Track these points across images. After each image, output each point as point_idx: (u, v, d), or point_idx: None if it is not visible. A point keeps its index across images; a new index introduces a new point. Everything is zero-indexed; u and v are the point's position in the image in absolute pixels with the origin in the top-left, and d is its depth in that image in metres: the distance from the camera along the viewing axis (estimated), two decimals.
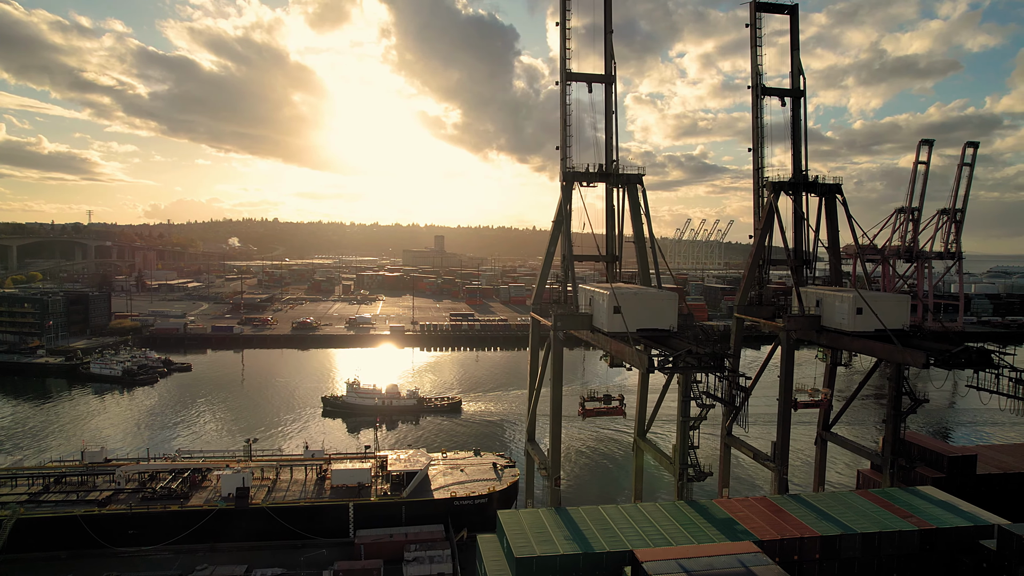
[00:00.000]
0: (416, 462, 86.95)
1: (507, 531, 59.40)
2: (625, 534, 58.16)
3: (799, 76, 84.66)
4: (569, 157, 79.17)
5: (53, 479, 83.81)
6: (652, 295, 65.02)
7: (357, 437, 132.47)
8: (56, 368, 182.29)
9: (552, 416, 68.68)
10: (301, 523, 78.74)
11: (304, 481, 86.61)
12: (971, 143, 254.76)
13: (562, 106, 79.93)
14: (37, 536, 74.51)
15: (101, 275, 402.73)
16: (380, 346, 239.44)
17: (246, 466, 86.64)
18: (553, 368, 68.17)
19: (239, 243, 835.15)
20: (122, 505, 78.17)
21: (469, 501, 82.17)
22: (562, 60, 79.88)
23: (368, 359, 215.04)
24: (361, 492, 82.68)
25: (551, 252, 77.32)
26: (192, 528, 77.09)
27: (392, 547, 74.61)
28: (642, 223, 77.62)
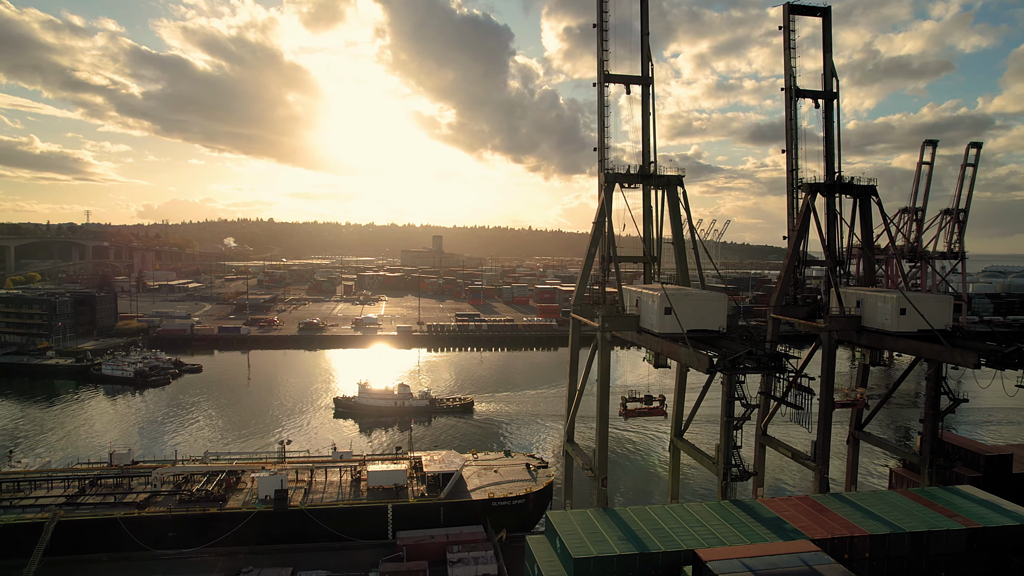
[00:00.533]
0: (451, 463, 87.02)
1: (560, 531, 59.51)
2: (677, 534, 58.38)
3: (832, 78, 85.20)
4: (607, 159, 79.53)
5: (88, 481, 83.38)
6: (702, 296, 65.34)
7: (372, 438, 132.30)
8: (67, 369, 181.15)
9: (599, 417, 68.90)
10: (339, 525, 78.67)
11: (339, 483, 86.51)
12: (974, 144, 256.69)
13: (599, 108, 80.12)
14: (77, 539, 74.17)
15: (101, 276, 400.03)
16: (387, 347, 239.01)
17: (282, 468, 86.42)
18: (600, 369, 68.41)
19: (235, 243, 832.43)
20: (161, 507, 77.93)
21: (507, 502, 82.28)
22: (599, 62, 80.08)
23: (376, 360, 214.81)
24: (398, 493, 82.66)
25: (592, 253, 77.59)
26: (231, 530, 76.89)
27: (434, 548, 74.60)
28: (682, 224, 77.88)
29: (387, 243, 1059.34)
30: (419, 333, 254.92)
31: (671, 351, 62.48)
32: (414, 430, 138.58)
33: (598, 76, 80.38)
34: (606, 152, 79.27)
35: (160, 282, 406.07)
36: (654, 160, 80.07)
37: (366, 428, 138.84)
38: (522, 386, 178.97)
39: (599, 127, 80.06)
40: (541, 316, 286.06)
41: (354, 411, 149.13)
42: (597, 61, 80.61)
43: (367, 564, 74.42)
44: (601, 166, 79.69)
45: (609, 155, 78.77)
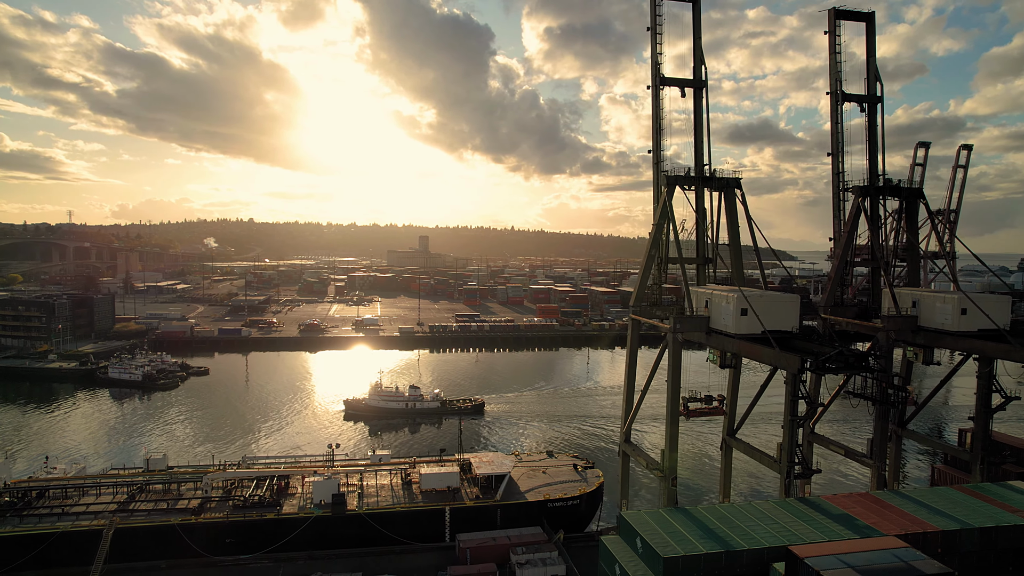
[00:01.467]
0: (501, 465, 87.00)
1: (640, 531, 59.96)
2: (755, 531, 59.13)
3: (875, 82, 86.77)
4: (663, 160, 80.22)
5: (138, 488, 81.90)
6: (776, 297, 66.20)
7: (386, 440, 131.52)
8: (71, 373, 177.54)
9: (670, 417, 69.43)
10: (397, 528, 78.23)
11: (389, 486, 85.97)
12: (965, 146, 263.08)
13: (654, 110, 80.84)
14: (134, 546, 72.77)
15: (86, 277, 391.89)
16: (390, 348, 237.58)
17: (335, 472, 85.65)
18: (672, 370, 68.92)
19: (216, 244, 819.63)
20: (217, 513, 76.81)
21: (562, 503, 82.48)
22: (654, 65, 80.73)
23: (380, 361, 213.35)
24: (451, 496, 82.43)
25: (653, 255, 78.16)
26: (290, 536, 76.10)
27: (498, 550, 74.56)
28: (738, 226, 78.77)
29: (369, 243, 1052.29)
30: (421, 334, 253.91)
31: (749, 351, 63.24)
32: (424, 431, 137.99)
33: (652, 79, 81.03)
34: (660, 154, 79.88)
35: (147, 283, 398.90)
36: (708, 163, 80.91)
37: (378, 430, 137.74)
38: (530, 387, 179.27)
39: (654, 131, 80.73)
40: (541, 317, 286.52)
41: (365, 413, 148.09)
42: (651, 64, 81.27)
43: (429, 567, 74.16)
44: (656, 169, 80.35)
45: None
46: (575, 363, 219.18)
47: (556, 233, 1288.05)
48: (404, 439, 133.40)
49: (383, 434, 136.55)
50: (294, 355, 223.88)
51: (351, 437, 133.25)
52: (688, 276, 76.30)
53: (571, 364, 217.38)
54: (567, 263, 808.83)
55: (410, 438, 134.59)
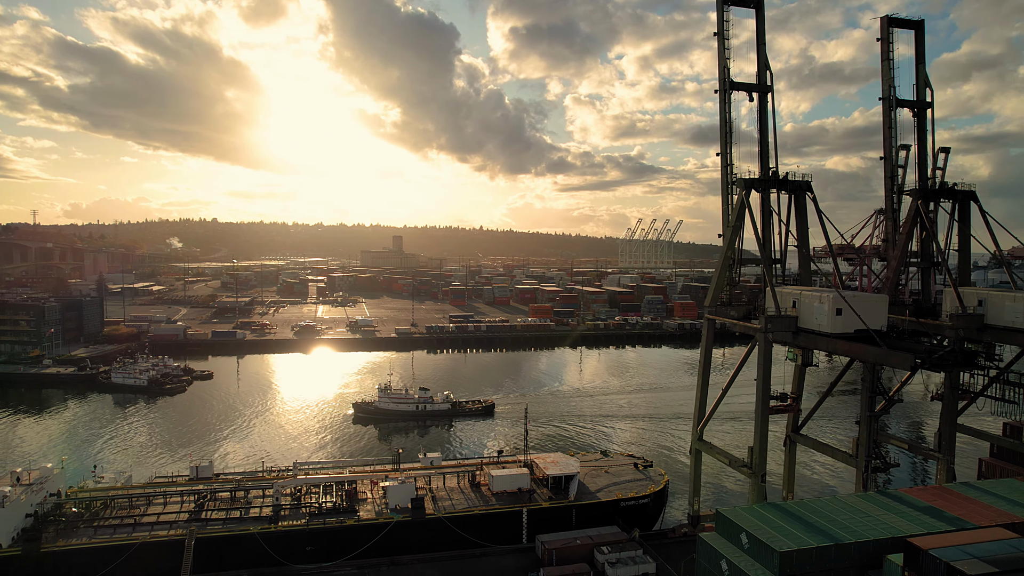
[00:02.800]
0: (568, 465, 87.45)
1: (745, 527, 61.10)
2: (854, 525, 60.78)
3: (925, 88, 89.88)
4: (730, 164, 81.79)
5: (205, 496, 79.87)
6: (867, 298, 68.16)
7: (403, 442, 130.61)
8: (69, 378, 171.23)
9: (760, 415, 70.86)
10: (475, 531, 78.08)
11: (458, 488, 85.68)
12: (943, 149, 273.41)
13: (721, 114, 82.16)
14: (214, 555, 71.13)
15: (56, 279, 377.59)
16: (387, 350, 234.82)
17: (407, 476, 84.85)
18: (762, 369, 70.31)
19: (181, 244, 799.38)
20: (296, 521, 75.50)
21: (634, 501, 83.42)
22: (721, 69, 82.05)
23: (378, 363, 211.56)
24: (523, 497, 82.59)
25: (729, 256, 79.45)
26: (371, 542, 75.28)
27: (581, 550, 75.03)
28: (807, 228, 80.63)
29: (337, 243, 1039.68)
30: (419, 335, 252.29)
31: (848, 350, 65.05)
32: (435, 433, 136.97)
33: (720, 83, 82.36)
34: (728, 158, 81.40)
35: (121, 285, 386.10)
36: (775, 166, 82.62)
37: (388, 433, 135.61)
38: (535, 386, 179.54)
39: (722, 134, 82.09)
40: (534, 316, 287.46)
41: (375, 416, 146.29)
42: (719, 68, 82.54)
43: (512, 570, 74.17)
44: (724, 172, 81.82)
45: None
46: (576, 362, 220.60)
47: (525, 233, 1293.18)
48: (426, 442, 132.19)
49: (398, 436, 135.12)
50: (291, 357, 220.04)
51: (367, 440, 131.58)
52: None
53: (573, 364, 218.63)
54: (540, 263, 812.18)
55: (430, 441, 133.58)
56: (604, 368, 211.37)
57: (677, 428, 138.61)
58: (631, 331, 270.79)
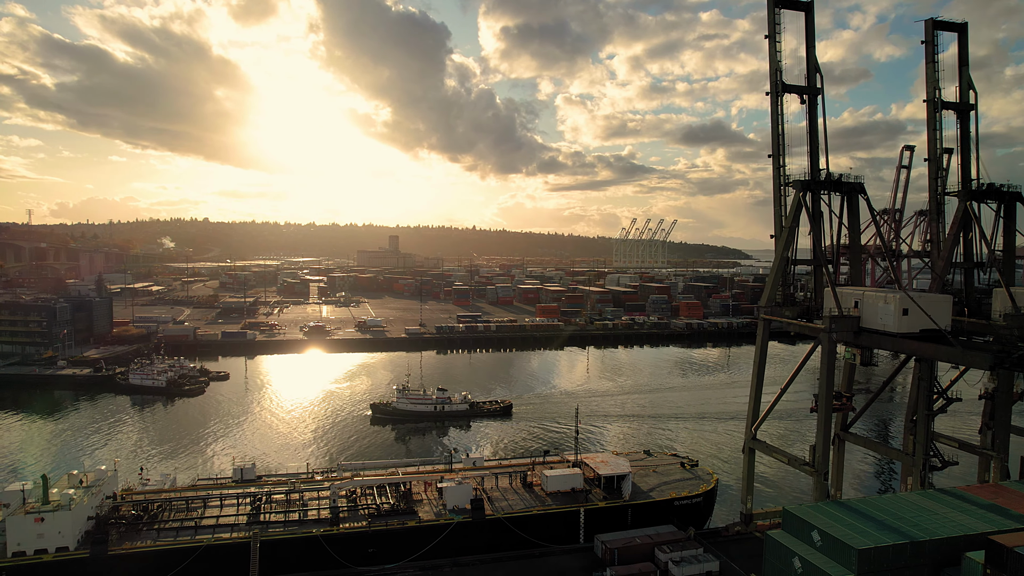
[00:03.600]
0: (618, 465, 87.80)
1: (817, 524, 61.71)
2: (924, 522, 61.55)
3: (968, 90, 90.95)
4: (783, 166, 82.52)
5: (260, 499, 79.48)
6: (932, 298, 68.94)
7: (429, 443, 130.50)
8: (85, 380, 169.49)
9: (824, 415, 71.48)
10: (534, 531, 78.31)
11: (511, 488, 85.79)
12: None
13: (773, 116, 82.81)
14: (278, 557, 70.89)
15: (55, 280, 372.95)
16: (397, 350, 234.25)
17: (463, 477, 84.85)
18: (825, 368, 70.96)
19: (173, 244, 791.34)
20: (356, 523, 75.36)
21: (687, 500, 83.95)
22: (773, 72, 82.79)
23: (389, 363, 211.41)
24: (578, 497, 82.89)
25: (785, 257, 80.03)
26: (432, 543, 75.29)
27: (642, 549, 75.40)
28: (859, 229, 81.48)
29: (330, 243, 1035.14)
30: (429, 335, 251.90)
31: (917, 349, 65.82)
32: (453, 434, 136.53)
33: (771, 86, 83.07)
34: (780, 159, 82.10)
35: (120, 286, 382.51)
36: (826, 167, 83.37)
37: (406, 434, 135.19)
38: (552, 387, 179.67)
39: (774, 136, 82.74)
40: (541, 316, 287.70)
41: (394, 417, 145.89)
42: (771, 71, 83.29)
43: (573, 570, 74.37)
44: (777, 174, 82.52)
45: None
46: (589, 362, 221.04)
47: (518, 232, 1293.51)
48: (452, 442, 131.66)
49: (424, 436, 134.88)
50: (302, 358, 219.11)
51: (388, 441, 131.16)
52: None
53: (586, 363, 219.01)
54: (535, 262, 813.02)
55: (438, 441, 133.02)
56: (618, 368, 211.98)
57: (703, 427, 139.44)
58: (639, 331, 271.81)
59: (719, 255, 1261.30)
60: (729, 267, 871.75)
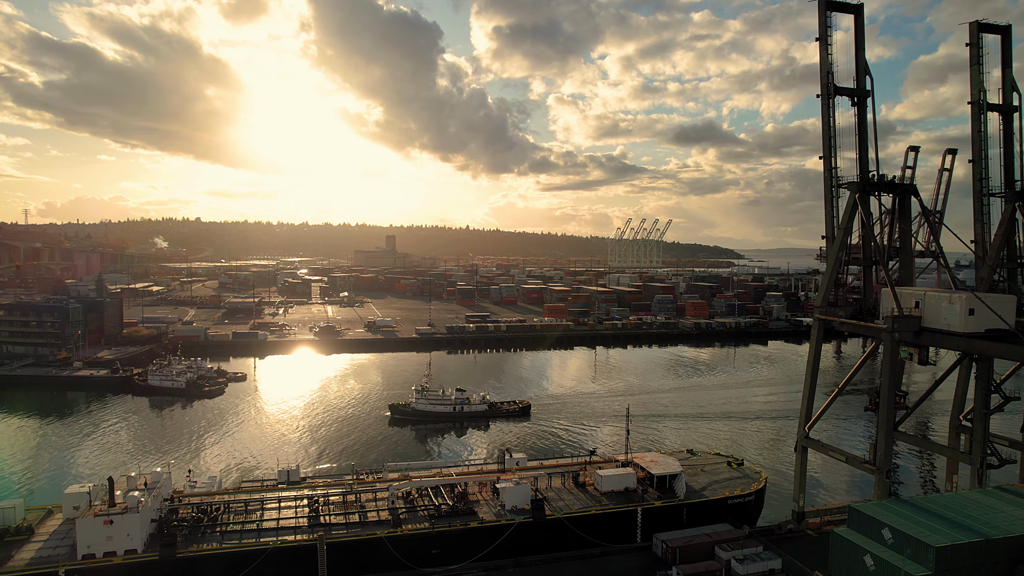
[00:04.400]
0: (669, 465, 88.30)
1: (888, 522, 62.40)
2: (993, 520, 62.47)
3: (1012, 92, 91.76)
4: (835, 167, 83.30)
5: (318, 501, 79.22)
6: (997, 298, 69.78)
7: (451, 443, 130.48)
8: (103, 381, 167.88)
9: (886, 414, 72.16)
10: (592, 531, 78.57)
11: (564, 488, 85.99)
12: (950, 150, 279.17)
13: (824, 118, 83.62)
14: (343, 559, 70.67)
15: (55, 280, 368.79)
16: (408, 350, 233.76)
17: (518, 477, 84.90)
18: (888, 368, 71.64)
19: (167, 244, 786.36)
20: (418, 524, 75.31)
21: (740, 499, 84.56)
22: (824, 74, 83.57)
23: (401, 363, 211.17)
24: (633, 496, 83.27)
25: (840, 259, 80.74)
26: (494, 544, 75.36)
27: (702, 548, 75.79)
28: (910, 231, 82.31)
29: (324, 243, 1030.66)
30: (440, 335, 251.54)
31: (987, 349, 66.66)
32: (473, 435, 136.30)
33: (822, 88, 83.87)
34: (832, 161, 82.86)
35: (119, 286, 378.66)
36: (876, 169, 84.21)
37: (425, 435, 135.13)
38: (566, 387, 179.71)
39: (825, 138, 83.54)
40: (549, 316, 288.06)
41: (413, 418, 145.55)
42: (821, 73, 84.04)
43: (642, 569, 74.67)
44: (829, 175, 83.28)
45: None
46: (603, 362, 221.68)
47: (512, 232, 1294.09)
48: (478, 443, 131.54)
49: (435, 437, 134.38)
50: (314, 358, 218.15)
51: (409, 441, 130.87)
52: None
53: (600, 363, 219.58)
54: (531, 262, 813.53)
55: (458, 442, 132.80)
56: (633, 367, 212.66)
57: (731, 426, 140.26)
58: (648, 331, 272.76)
59: (711, 255, 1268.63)
60: (724, 267, 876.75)
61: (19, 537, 69.82)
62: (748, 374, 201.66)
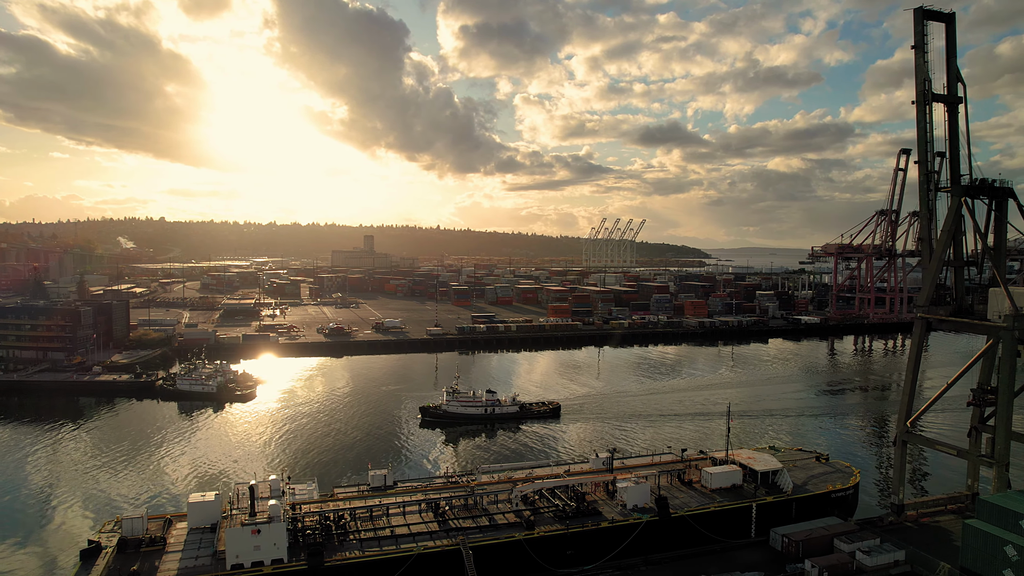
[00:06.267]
0: (768, 461, 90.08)
1: None
2: None
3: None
4: (933, 171, 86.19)
5: (439, 505, 78.42)
6: None
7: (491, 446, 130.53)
8: (127, 386, 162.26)
9: (1005, 407, 75.01)
10: (712, 528, 79.72)
11: (671, 486, 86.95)
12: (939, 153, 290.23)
13: (919, 124, 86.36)
14: (483, 562, 70.13)
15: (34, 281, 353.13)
16: (420, 351, 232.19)
17: (634, 476, 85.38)
18: (1006, 365, 74.48)
19: (133, 244, 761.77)
20: (552, 526, 75.28)
21: (843, 493, 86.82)
22: (920, 82, 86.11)
23: (416, 365, 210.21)
24: (742, 492, 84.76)
25: (941, 258, 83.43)
26: (625, 543, 75.86)
27: (822, 541, 77.54)
28: (1005, 233, 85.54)
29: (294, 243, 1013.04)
30: (452, 336, 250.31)
31: None
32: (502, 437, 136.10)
33: (918, 96, 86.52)
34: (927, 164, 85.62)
35: (100, 288, 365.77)
36: (969, 172, 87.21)
37: (456, 437, 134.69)
38: (588, 386, 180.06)
39: (921, 143, 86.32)
40: (554, 316, 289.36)
41: (444, 420, 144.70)
42: (917, 81, 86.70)
43: (770, 563, 75.82)
44: (926, 179, 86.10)
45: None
46: (615, 361, 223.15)
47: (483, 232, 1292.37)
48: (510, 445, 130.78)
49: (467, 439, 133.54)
50: (327, 361, 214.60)
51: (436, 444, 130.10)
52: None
53: (611, 362, 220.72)
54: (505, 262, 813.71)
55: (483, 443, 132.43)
56: (649, 366, 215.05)
57: (779, 422, 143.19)
58: (653, 330, 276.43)
59: (679, 254, 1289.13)
60: (696, 266, 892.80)
61: (154, 548, 67.55)
62: (766, 371, 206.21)
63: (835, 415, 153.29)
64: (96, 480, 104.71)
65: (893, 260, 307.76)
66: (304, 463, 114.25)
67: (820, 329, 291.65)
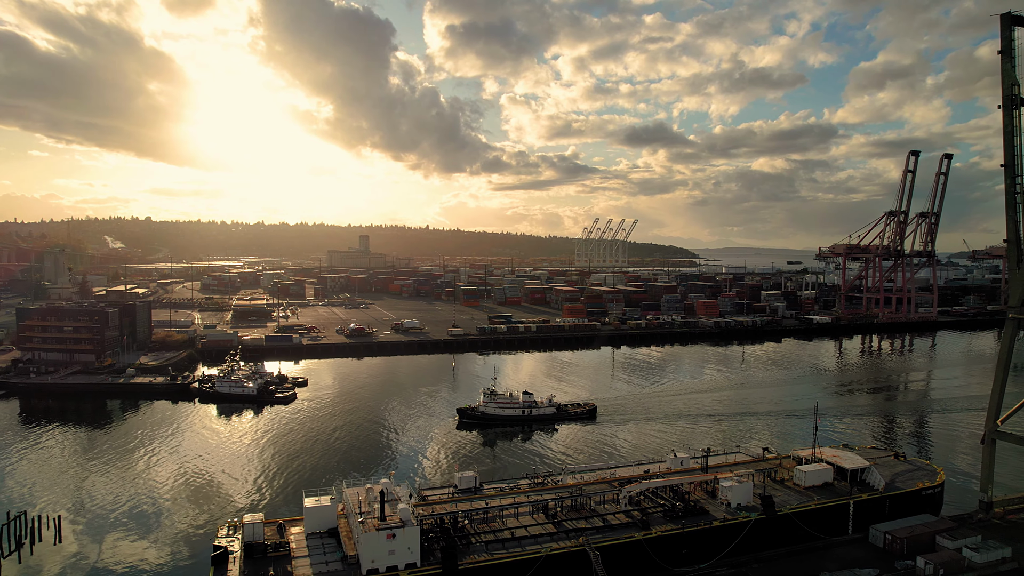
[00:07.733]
0: (854, 459, 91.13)
1: None
2: None
3: None
4: (1020, 175, 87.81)
5: (549, 506, 78.34)
6: None
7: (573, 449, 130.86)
8: (164, 389, 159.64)
9: None
10: (814, 525, 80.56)
11: (764, 484, 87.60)
12: (947, 155, 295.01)
13: (1006, 127, 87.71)
14: (607, 563, 70.24)
15: (35, 282, 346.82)
16: (443, 352, 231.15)
17: (739, 475, 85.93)
18: None
19: (120, 244, 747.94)
20: (665, 525, 75.57)
21: (932, 491, 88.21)
22: (1007, 87, 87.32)
23: (438, 365, 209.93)
24: (836, 490, 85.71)
25: None
26: (735, 541, 76.43)
27: (924, 538, 78.67)
28: None
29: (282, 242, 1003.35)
30: (474, 337, 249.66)
31: None
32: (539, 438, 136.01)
33: (1004, 101, 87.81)
34: None
35: (102, 288, 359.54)
36: None
37: (493, 439, 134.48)
38: (617, 388, 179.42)
39: (1007, 147, 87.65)
40: (569, 316, 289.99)
41: (482, 422, 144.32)
42: (1003, 86, 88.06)
43: (876, 559, 76.66)
44: (1012, 183, 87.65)
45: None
46: (636, 361, 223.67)
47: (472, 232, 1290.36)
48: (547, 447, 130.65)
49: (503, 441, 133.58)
50: (352, 362, 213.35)
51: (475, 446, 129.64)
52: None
53: (635, 363, 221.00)
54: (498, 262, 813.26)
55: (553, 445, 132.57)
56: (674, 366, 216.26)
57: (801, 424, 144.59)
58: (670, 330, 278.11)
59: (667, 254, 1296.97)
60: (686, 266, 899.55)
61: (280, 552, 66.73)
62: (793, 371, 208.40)
63: (884, 414, 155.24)
64: (188, 484, 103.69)
65: (902, 260, 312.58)
66: (364, 465, 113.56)
67: (831, 329, 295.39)
